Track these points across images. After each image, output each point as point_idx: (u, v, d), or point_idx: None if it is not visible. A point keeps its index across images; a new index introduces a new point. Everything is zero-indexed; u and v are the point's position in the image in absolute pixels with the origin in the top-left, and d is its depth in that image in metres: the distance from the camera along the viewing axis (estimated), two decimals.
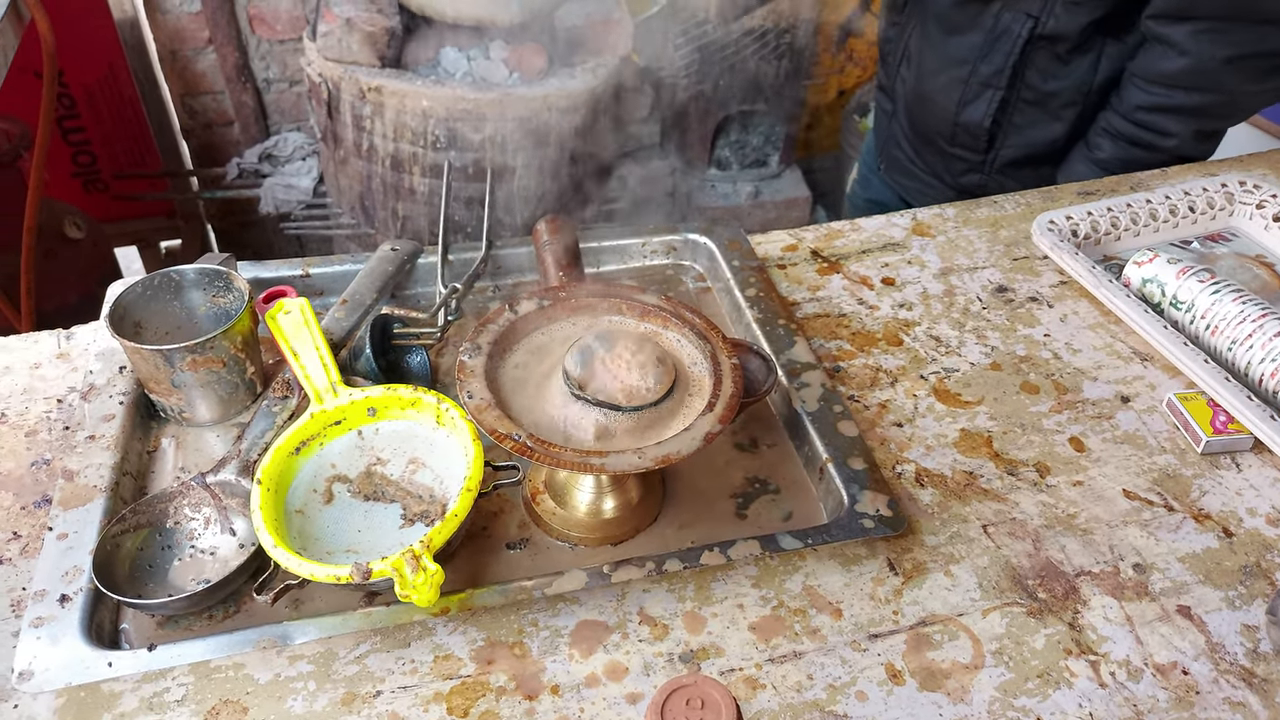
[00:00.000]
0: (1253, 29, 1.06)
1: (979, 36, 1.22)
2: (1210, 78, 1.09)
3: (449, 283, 0.95)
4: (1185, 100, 1.12)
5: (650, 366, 0.71)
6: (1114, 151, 1.19)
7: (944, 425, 0.87)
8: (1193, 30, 1.07)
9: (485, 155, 1.94)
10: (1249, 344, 0.86)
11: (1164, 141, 1.16)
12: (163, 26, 2.16)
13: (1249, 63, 1.08)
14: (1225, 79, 1.09)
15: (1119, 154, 1.19)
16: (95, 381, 0.84)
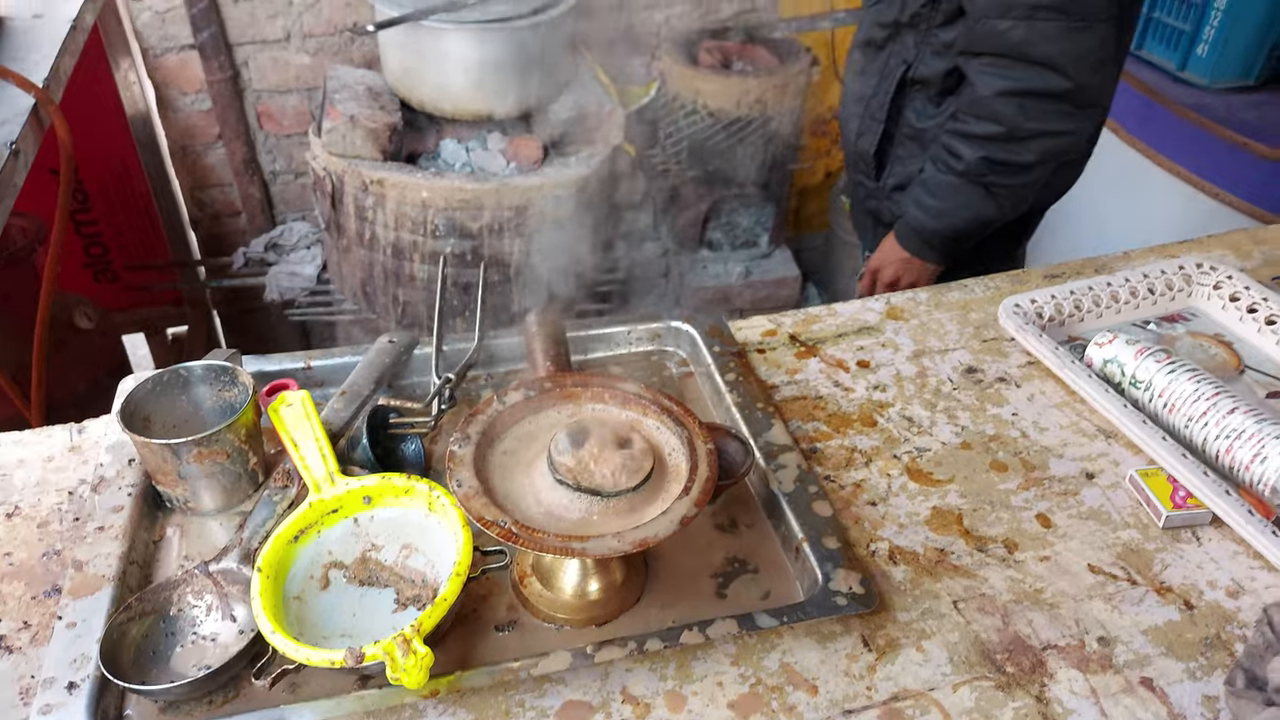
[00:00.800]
0: (1028, 68, 1.18)
1: (874, 78, 1.41)
2: (988, 108, 1.23)
3: (443, 373, 1.00)
4: (974, 128, 1.26)
5: (630, 453, 0.75)
6: (931, 172, 1.34)
7: (916, 503, 0.91)
8: (979, 65, 1.23)
9: (483, 242, 2.02)
10: (1204, 421, 0.90)
11: (955, 164, 1.29)
12: (174, 123, 2.26)
13: (1024, 99, 1.20)
14: (1001, 110, 1.22)
15: (933, 174, 1.34)
16: (105, 474, 0.88)
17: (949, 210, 1.33)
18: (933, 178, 1.33)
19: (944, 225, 1.35)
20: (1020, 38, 1.16)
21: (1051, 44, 1.15)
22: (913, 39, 1.34)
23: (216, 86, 2.17)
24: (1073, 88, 1.17)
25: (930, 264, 1.41)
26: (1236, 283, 1.11)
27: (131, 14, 2.10)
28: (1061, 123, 1.21)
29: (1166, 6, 2.17)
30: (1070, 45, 1.15)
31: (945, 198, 1.32)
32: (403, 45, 1.96)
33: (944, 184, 1.32)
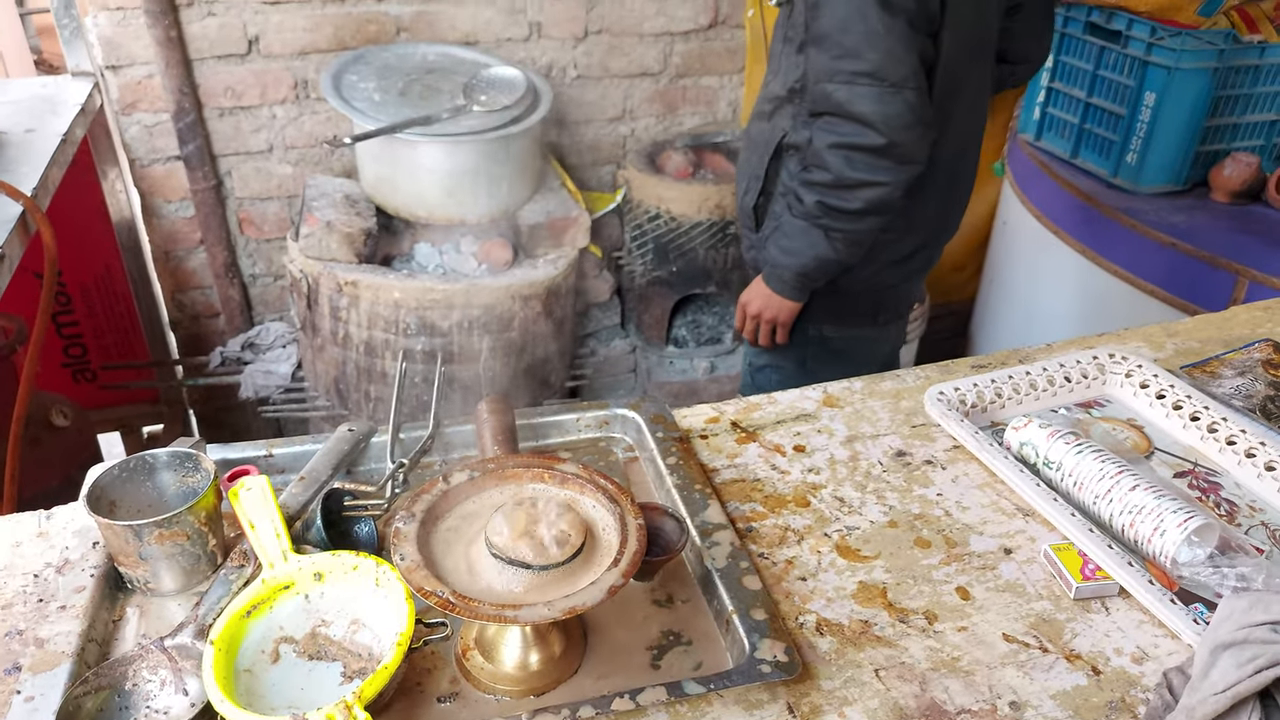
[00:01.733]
0: (852, 125, 1.40)
1: (759, 144, 1.62)
2: (821, 158, 1.46)
3: (398, 459, 1.05)
4: (812, 176, 1.48)
5: (563, 529, 0.81)
6: (785, 216, 1.57)
7: (844, 578, 0.96)
8: (818, 123, 1.46)
9: (453, 340, 2.09)
10: (1109, 498, 0.97)
11: (798, 207, 1.52)
12: (158, 229, 2.35)
13: (849, 152, 1.42)
14: (830, 161, 1.44)
15: (785, 217, 1.56)
16: (70, 556, 0.93)
17: (796, 249, 1.55)
18: (785, 220, 1.57)
19: (793, 263, 1.56)
20: (843, 98, 1.39)
21: (867, 104, 1.37)
22: (790, 110, 1.54)
23: (200, 195, 2.28)
24: (886, 144, 1.39)
25: (788, 300, 1.63)
26: (1146, 371, 1.19)
27: (120, 128, 2.21)
28: (880, 174, 1.42)
29: (1097, 119, 2.33)
30: (882, 107, 1.37)
31: (793, 238, 1.55)
32: (379, 156, 2.08)
33: (792, 226, 1.54)
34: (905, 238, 1.62)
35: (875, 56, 1.35)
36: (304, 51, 2.25)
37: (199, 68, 2.18)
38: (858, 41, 1.35)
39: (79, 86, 2.10)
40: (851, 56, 1.37)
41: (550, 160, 2.45)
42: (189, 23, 2.13)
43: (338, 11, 2.23)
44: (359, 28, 2.26)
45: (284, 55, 2.24)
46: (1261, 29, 2.29)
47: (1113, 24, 2.23)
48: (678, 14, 2.51)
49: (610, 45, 2.51)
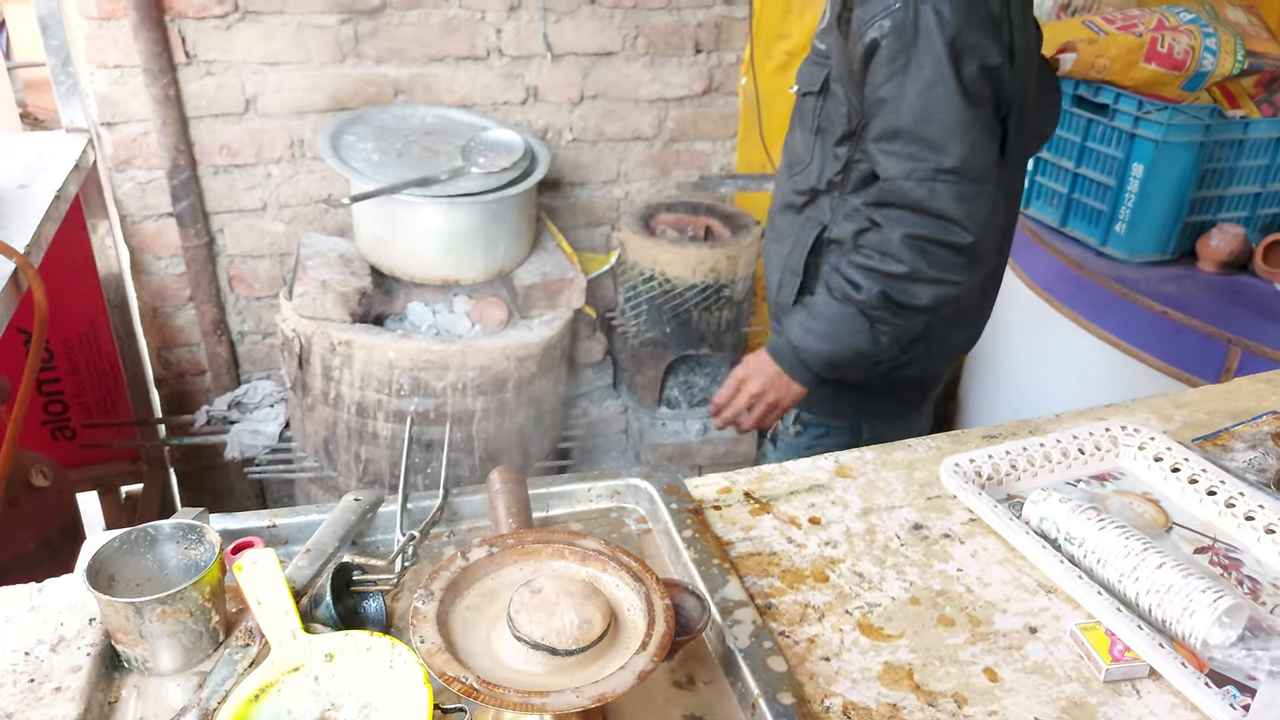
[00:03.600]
0: (934, 220, 1.29)
1: (792, 239, 1.54)
2: (894, 249, 1.33)
3: (407, 531, 1.02)
4: (878, 264, 1.34)
5: (588, 610, 0.78)
6: (822, 298, 1.42)
7: (868, 659, 0.93)
8: (888, 213, 1.34)
9: (446, 401, 2.07)
10: (1134, 576, 0.95)
11: (853, 293, 1.36)
12: (146, 285, 2.32)
13: (928, 246, 1.31)
14: (905, 254, 1.32)
15: (825, 300, 1.41)
16: (64, 633, 0.88)
17: (832, 335, 1.40)
18: (823, 303, 1.41)
19: (824, 349, 1.41)
20: (923, 195, 1.29)
21: (950, 202, 1.28)
22: (828, 203, 1.47)
23: (191, 251, 2.25)
24: (972, 242, 1.29)
25: (797, 384, 1.47)
26: (1159, 444, 1.19)
27: (113, 184, 2.19)
28: (958, 273, 1.33)
29: (1086, 189, 2.37)
30: (967, 205, 1.28)
31: (832, 323, 1.40)
32: (375, 216, 2.07)
33: (835, 311, 1.39)
34: (963, 328, 1.57)
35: (960, 151, 1.25)
36: (301, 111, 2.25)
37: (195, 125, 2.18)
38: (941, 135, 1.25)
39: (73, 142, 2.08)
40: (934, 151, 1.26)
41: (546, 221, 2.45)
42: (187, 81, 2.14)
43: (336, 73, 2.24)
44: (357, 89, 2.27)
45: (281, 114, 2.24)
46: (1242, 105, 2.36)
47: (1100, 97, 2.28)
48: (673, 80, 2.55)
49: (606, 110, 2.53)
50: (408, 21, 2.25)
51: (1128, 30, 2.26)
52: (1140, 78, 2.22)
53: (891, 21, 1.24)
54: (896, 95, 1.26)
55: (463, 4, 2.28)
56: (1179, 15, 2.31)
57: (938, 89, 1.23)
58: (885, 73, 1.26)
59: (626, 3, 2.41)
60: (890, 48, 1.25)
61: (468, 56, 2.34)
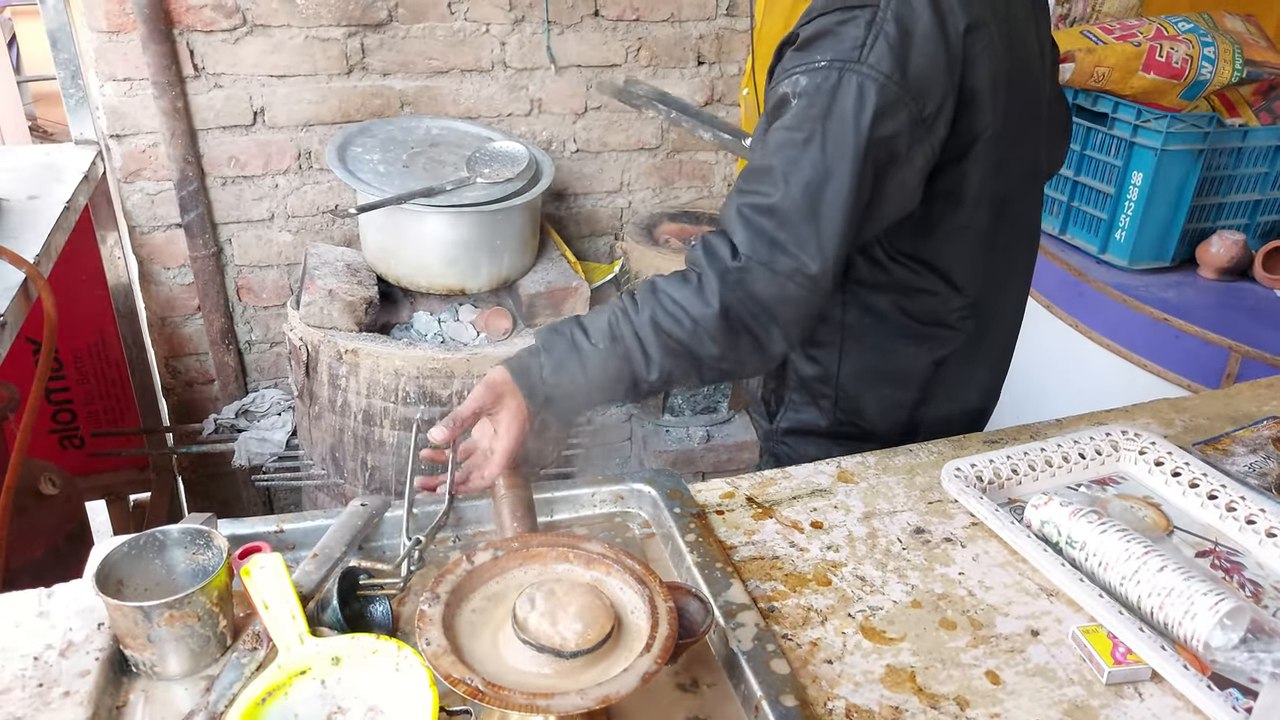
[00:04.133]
0: (763, 317, 1.07)
1: None
2: (704, 313, 1.06)
3: (413, 535, 1.03)
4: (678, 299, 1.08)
5: (592, 612, 0.79)
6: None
7: (870, 662, 0.94)
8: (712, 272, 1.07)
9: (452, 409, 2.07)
10: (1136, 579, 0.96)
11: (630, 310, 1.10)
12: (155, 295, 2.34)
13: (739, 330, 1.08)
14: (712, 327, 1.06)
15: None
16: (73, 638, 0.89)
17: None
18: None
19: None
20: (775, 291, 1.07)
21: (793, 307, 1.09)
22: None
23: (199, 262, 2.27)
24: (784, 349, 1.13)
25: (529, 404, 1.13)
26: (1160, 449, 1.20)
27: (122, 195, 2.21)
28: (744, 368, 1.17)
29: (1085, 197, 2.38)
30: (806, 315, 1.11)
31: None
32: (382, 226, 2.09)
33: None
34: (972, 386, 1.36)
35: (832, 259, 1.05)
36: (309, 123, 2.27)
37: (204, 138, 2.20)
38: (819, 238, 1.05)
39: (82, 154, 2.11)
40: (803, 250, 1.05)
41: (550, 231, 2.46)
42: (195, 94, 2.16)
43: (343, 85, 2.26)
44: (364, 101, 2.29)
45: (289, 126, 2.26)
46: (1241, 113, 2.37)
47: (1098, 106, 2.29)
48: (675, 91, 2.56)
49: (609, 121, 2.55)
50: (413, 35, 2.27)
51: (1126, 39, 2.27)
52: (1139, 86, 2.23)
53: (808, 80, 1.03)
54: (786, 171, 1.03)
55: (468, 17, 2.30)
56: (1177, 24, 2.32)
57: (830, 186, 1.02)
58: (782, 138, 1.04)
59: (629, 15, 2.43)
60: (798, 112, 1.03)
61: (473, 69, 2.36)
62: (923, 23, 1.02)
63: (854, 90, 1.00)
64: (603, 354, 1.09)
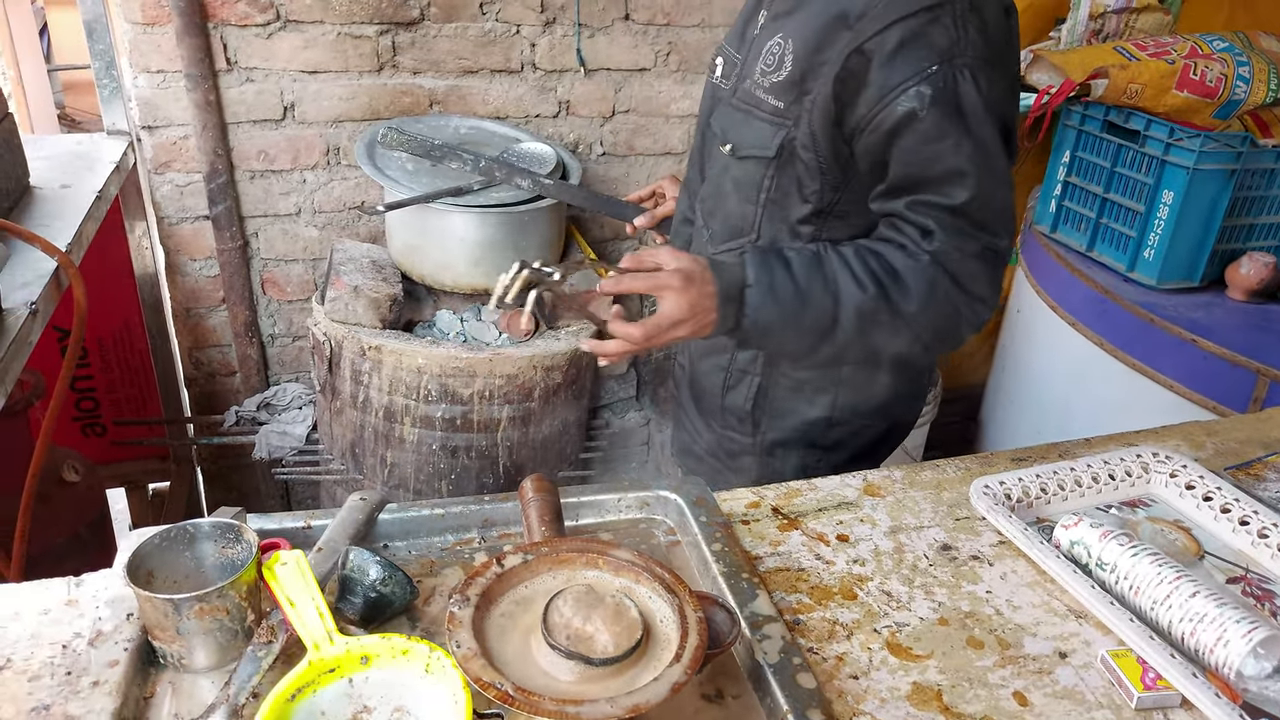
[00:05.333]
0: (964, 296, 1.16)
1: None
2: (915, 295, 1.13)
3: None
4: (889, 286, 1.14)
5: (622, 621, 0.79)
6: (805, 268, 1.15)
7: (897, 678, 0.93)
8: (921, 261, 1.14)
9: (473, 408, 2.08)
10: (1168, 604, 0.95)
11: (853, 289, 1.13)
12: (181, 286, 2.35)
13: (949, 315, 1.16)
14: (924, 307, 1.14)
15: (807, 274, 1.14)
16: (103, 628, 0.90)
17: (796, 317, 1.14)
18: (806, 276, 1.15)
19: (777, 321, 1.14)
20: (969, 272, 1.16)
21: (987, 285, 1.18)
22: None
23: (226, 254, 2.28)
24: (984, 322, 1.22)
25: (719, 327, 1.14)
26: (1191, 472, 1.19)
27: (152, 186, 2.23)
28: (948, 348, 1.26)
29: (1114, 214, 2.36)
30: (997, 287, 1.19)
31: (805, 304, 1.14)
32: (409, 224, 2.09)
33: (817, 294, 1.14)
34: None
35: (1009, 233, 1.16)
36: (338, 120, 2.28)
37: (234, 131, 2.21)
38: (996, 217, 1.14)
39: (114, 144, 2.12)
40: (988, 232, 1.14)
41: (575, 234, 2.47)
42: (227, 88, 2.17)
43: (374, 83, 2.27)
44: (394, 99, 2.30)
45: (318, 122, 2.27)
46: (1274, 134, 2.35)
47: (1130, 123, 2.27)
48: None
49: (637, 125, 2.55)
50: (444, 34, 2.28)
51: (1160, 57, 2.25)
52: (1172, 104, 2.22)
53: (931, 90, 1.07)
54: (956, 173, 1.10)
55: (499, 17, 2.30)
56: (1212, 43, 2.30)
57: (994, 167, 1.11)
58: (934, 150, 1.09)
59: (660, 19, 2.43)
60: (935, 120, 1.08)
61: (502, 69, 2.36)
62: (991, 8, 1.12)
63: (970, 81, 1.08)
64: (805, 284, 1.14)
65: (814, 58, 1.14)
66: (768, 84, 1.20)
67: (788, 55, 1.17)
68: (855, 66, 1.11)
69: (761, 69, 1.21)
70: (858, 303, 1.14)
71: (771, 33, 1.22)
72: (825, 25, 1.13)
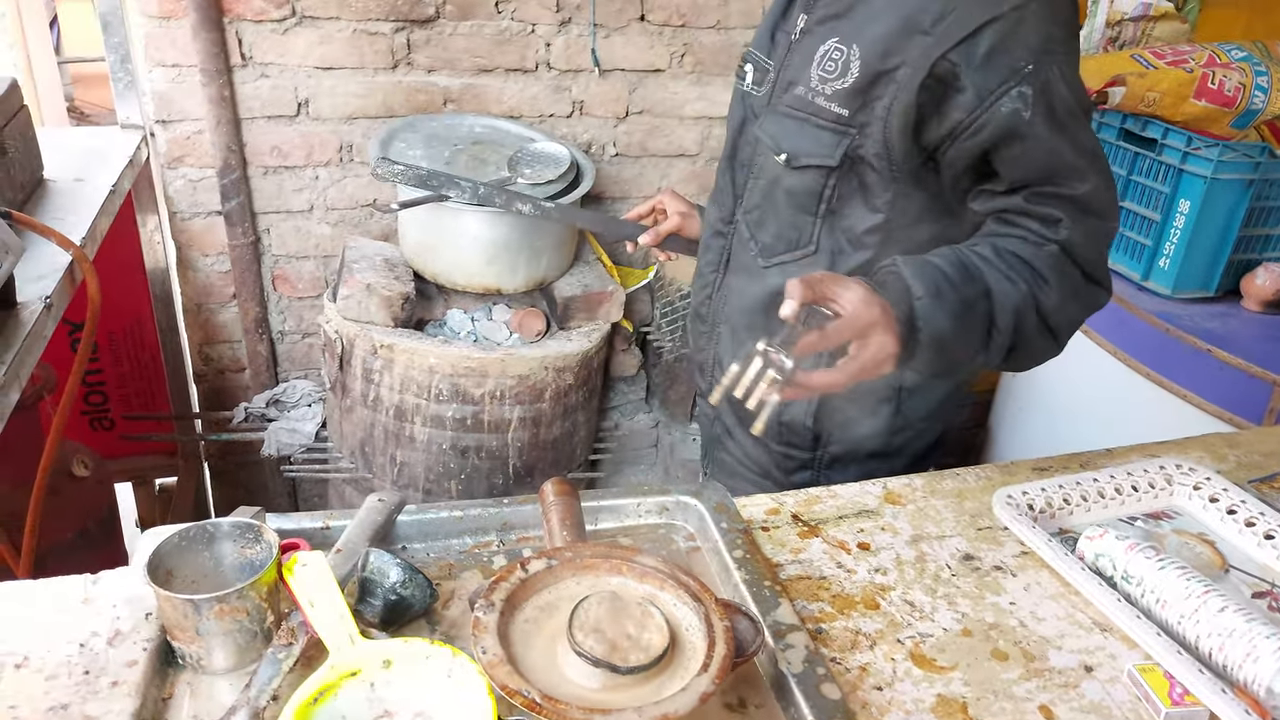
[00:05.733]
0: (1092, 288, 1.14)
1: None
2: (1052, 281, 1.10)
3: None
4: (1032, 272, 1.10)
5: (648, 628, 0.78)
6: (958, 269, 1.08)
7: (921, 690, 0.92)
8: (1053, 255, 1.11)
9: (484, 408, 2.07)
10: (1195, 618, 0.94)
11: (1007, 285, 1.08)
12: (192, 282, 2.35)
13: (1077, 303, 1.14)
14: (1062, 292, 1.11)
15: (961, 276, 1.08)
16: (121, 627, 0.89)
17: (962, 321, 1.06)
18: (961, 278, 1.07)
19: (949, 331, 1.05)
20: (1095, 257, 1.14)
21: (1105, 271, 1.17)
22: None
23: (238, 250, 2.28)
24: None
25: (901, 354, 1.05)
26: (1215, 484, 1.18)
27: (165, 180, 2.22)
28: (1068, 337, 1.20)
29: (1129, 222, 2.35)
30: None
31: (967, 308, 1.07)
32: (422, 223, 2.09)
33: (972, 294, 1.07)
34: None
35: (1118, 214, 1.15)
36: (352, 116, 2.27)
37: (248, 126, 2.20)
38: (1110, 202, 1.13)
39: (128, 138, 2.11)
40: (1105, 219, 1.13)
41: (587, 235, 2.46)
42: (242, 83, 2.16)
43: (388, 80, 2.26)
44: (408, 97, 2.29)
45: (332, 119, 2.26)
46: None
47: (1147, 132, 2.26)
48: (719, 98, 2.56)
49: (651, 126, 2.54)
50: (460, 32, 2.27)
51: (1178, 65, 2.24)
52: (1190, 113, 2.21)
53: (1031, 89, 1.05)
54: (1072, 166, 1.09)
55: (514, 16, 2.30)
56: (1230, 52, 2.29)
57: (1100, 153, 1.12)
58: (1047, 147, 1.08)
59: (676, 21, 2.42)
60: (1041, 118, 1.06)
61: (517, 68, 2.36)
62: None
63: (1064, 74, 1.08)
64: (963, 287, 1.07)
65: (883, 63, 1.10)
66: (829, 91, 1.15)
67: (853, 61, 1.13)
68: (943, 73, 1.07)
69: (820, 75, 1.16)
70: (1015, 302, 1.08)
71: (822, 37, 1.17)
72: (894, 30, 1.09)
